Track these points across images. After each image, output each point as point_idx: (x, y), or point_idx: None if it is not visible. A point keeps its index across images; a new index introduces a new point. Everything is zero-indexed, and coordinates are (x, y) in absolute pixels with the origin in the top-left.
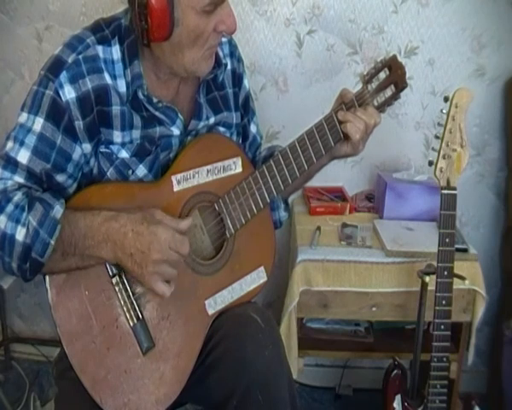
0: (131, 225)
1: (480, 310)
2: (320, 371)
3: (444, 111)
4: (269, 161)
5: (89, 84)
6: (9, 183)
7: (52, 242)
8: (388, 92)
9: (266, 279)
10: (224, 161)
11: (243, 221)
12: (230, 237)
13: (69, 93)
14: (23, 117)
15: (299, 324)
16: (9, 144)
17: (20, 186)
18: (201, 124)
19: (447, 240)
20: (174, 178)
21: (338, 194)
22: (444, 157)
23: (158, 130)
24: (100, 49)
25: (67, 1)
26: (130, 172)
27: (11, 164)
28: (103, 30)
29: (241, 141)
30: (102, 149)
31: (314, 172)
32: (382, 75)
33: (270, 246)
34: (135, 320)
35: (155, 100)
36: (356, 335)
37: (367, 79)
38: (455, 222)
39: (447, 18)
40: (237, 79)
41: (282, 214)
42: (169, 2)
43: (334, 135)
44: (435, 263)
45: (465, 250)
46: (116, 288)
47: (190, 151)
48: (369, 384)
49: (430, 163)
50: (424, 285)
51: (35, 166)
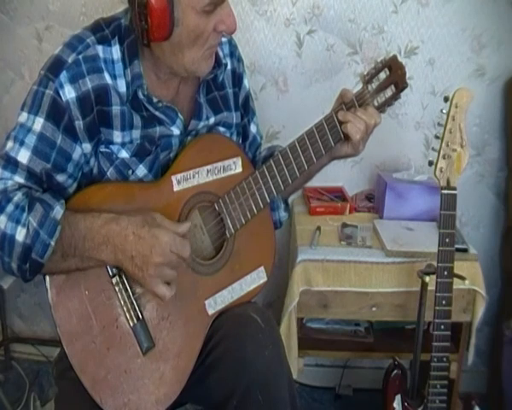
0: (132, 228)
1: (480, 310)
2: (320, 371)
3: (444, 111)
4: (269, 161)
5: (89, 83)
6: (9, 183)
7: (52, 243)
8: (388, 92)
9: (266, 279)
10: (224, 161)
11: (243, 221)
12: (230, 237)
13: (69, 93)
14: (23, 117)
15: (299, 324)
16: (9, 144)
17: (21, 186)
18: (201, 124)
19: (447, 240)
20: (174, 178)
21: (338, 194)
22: (444, 157)
23: (158, 130)
24: (100, 48)
25: (67, 1)
26: (130, 172)
27: (11, 164)
28: (103, 30)
29: (241, 141)
30: (102, 149)
31: (314, 172)
32: (382, 75)
33: (270, 246)
34: (135, 320)
35: (155, 100)
36: (356, 335)
37: (367, 79)
38: (455, 222)
39: (447, 18)
40: (237, 79)
41: (282, 214)
42: (169, 2)
43: (334, 135)
44: (435, 263)
45: (465, 250)
46: (116, 288)
47: (190, 151)
48: (369, 384)
49: (430, 163)
50: (424, 285)
51: (35, 165)
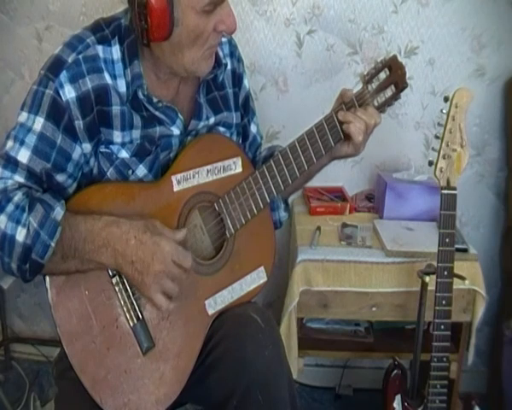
0: (134, 233)
1: (480, 310)
2: (320, 371)
3: (444, 111)
4: (269, 161)
5: (89, 83)
6: (9, 182)
7: (53, 244)
8: (388, 92)
9: (266, 279)
10: (224, 161)
11: (243, 221)
12: (230, 237)
13: (69, 93)
14: (23, 116)
15: (299, 324)
16: (9, 143)
17: (21, 186)
18: (201, 124)
19: (447, 240)
20: (174, 178)
21: (338, 194)
22: (444, 157)
23: (158, 130)
24: (100, 48)
25: (67, 1)
26: (130, 172)
27: (11, 163)
28: (103, 30)
29: (241, 141)
30: (102, 149)
31: (314, 172)
32: (382, 75)
33: (270, 246)
34: (135, 320)
35: (155, 100)
36: (356, 335)
37: (367, 79)
38: (455, 222)
39: (447, 18)
40: (237, 79)
41: (282, 215)
42: (169, 2)
43: (334, 135)
44: (435, 263)
45: (465, 250)
46: (116, 288)
47: (190, 151)
48: (369, 384)
49: (430, 163)
50: (424, 285)
51: (35, 165)
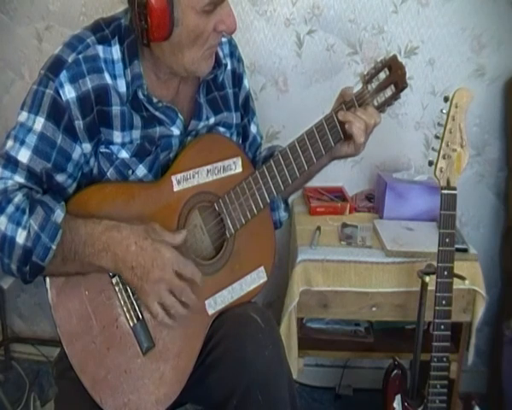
0: (134, 239)
1: (480, 310)
2: (320, 371)
3: (444, 111)
4: (269, 162)
5: (89, 83)
6: (10, 182)
7: (53, 246)
8: (388, 92)
9: (266, 279)
10: (224, 161)
11: (243, 221)
12: (230, 237)
13: (69, 93)
14: (23, 116)
15: (299, 324)
16: (10, 143)
17: (21, 187)
18: (201, 124)
19: (447, 240)
20: (174, 178)
21: (338, 194)
22: (444, 157)
23: (158, 130)
24: (100, 48)
25: (67, 1)
26: (130, 172)
27: (11, 163)
28: (103, 30)
29: (241, 141)
30: (102, 149)
31: (314, 172)
32: (382, 75)
33: (270, 246)
34: (135, 320)
35: (155, 100)
36: (356, 335)
37: (367, 79)
38: (455, 222)
39: (447, 18)
40: (237, 80)
41: (282, 215)
42: (169, 1)
43: (334, 135)
44: (435, 263)
45: (465, 250)
46: (116, 288)
47: (190, 151)
48: (369, 384)
49: (430, 163)
50: (424, 285)
51: (35, 165)
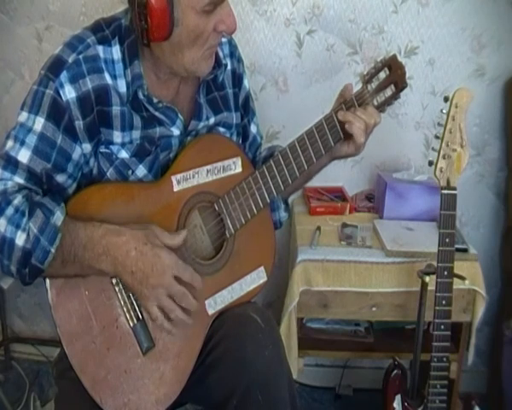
0: (135, 243)
1: (480, 310)
2: (320, 371)
3: (444, 111)
4: (269, 162)
5: (89, 84)
6: (9, 184)
7: (53, 249)
8: (388, 92)
9: (266, 279)
10: (224, 161)
11: (243, 221)
12: (230, 237)
13: (69, 93)
14: (23, 116)
15: (299, 324)
16: (10, 143)
17: (21, 188)
18: (201, 124)
19: (447, 240)
20: (174, 178)
21: (338, 194)
22: (444, 157)
23: (158, 130)
24: (100, 49)
25: (67, 1)
26: (129, 172)
27: (11, 164)
28: (103, 30)
29: (241, 141)
30: (102, 150)
31: (314, 172)
32: (382, 75)
33: (270, 246)
34: (135, 320)
35: (155, 100)
36: (356, 335)
37: (367, 79)
38: (455, 222)
39: (447, 18)
40: (237, 80)
41: (283, 215)
42: (169, 1)
43: (333, 135)
44: (435, 263)
45: (465, 250)
46: (116, 288)
47: (190, 151)
48: (369, 384)
49: (430, 163)
50: (424, 285)
51: (35, 165)
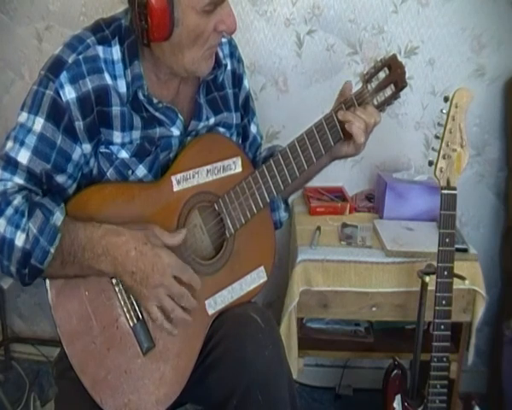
0: (134, 243)
1: (480, 310)
2: (320, 371)
3: (444, 111)
4: (268, 161)
5: (89, 84)
6: (9, 184)
7: (52, 250)
8: (388, 91)
9: (266, 279)
10: (224, 161)
11: (243, 221)
12: (230, 237)
13: (69, 93)
14: (23, 117)
15: (299, 324)
16: (9, 144)
17: (20, 188)
18: (201, 124)
19: (447, 240)
20: (174, 178)
21: (338, 194)
22: (444, 157)
23: (158, 130)
24: (100, 49)
25: (67, 1)
26: (129, 172)
27: (11, 165)
28: (103, 30)
29: (241, 141)
30: (102, 150)
31: (315, 172)
32: (382, 74)
33: (270, 246)
34: (135, 321)
35: (155, 100)
36: (356, 335)
37: (367, 79)
38: (455, 222)
39: (447, 18)
40: (237, 80)
41: (283, 215)
42: (169, 2)
43: (333, 135)
44: (435, 263)
45: (465, 250)
46: (116, 288)
47: (190, 151)
48: (369, 384)
49: (430, 163)
50: (424, 285)
51: (35, 166)
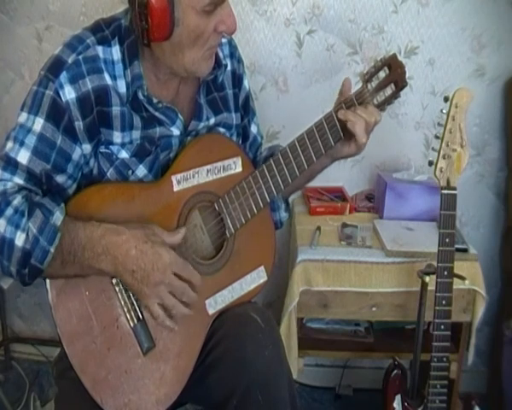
0: (134, 242)
1: (480, 310)
2: (320, 371)
3: (444, 111)
4: (269, 161)
5: (89, 84)
6: (9, 184)
7: (52, 249)
8: (388, 91)
9: (266, 279)
10: (224, 161)
11: (243, 221)
12: (230, 237)
13: (69, 93)
14: (23, 117)
15: (299, 324)
16: (9, 144)
17: (20, 189)
18: (202, 124)
19: (447, 240)
20: (174, 178)
21: (338, 194)
22: (444, 157)
23: (158, 130)
24: (100, 49)
25: (67, 1)
26: (130, 172)
27: (11, 165)
28: (103, 30)
29: (242, 142)
30: (102, 150)
31: (316, 172)
32: (382, 74)
33: (270, 245)
34: (135, 321)
35: (155, 100)
36: (356, 335)
37: (367, 78)
38: (455, 222)
39: (447, 18)
40: (237, 80)
41: (283, 215)
42: (169, 1)
43: (334, 134)
44: (435, 263)
45: (465, 250)
46: (116, 288)
47: (190, 151)
48: (369, 384)
49: (430, 163)
50: (424, 285)
51: (35, 166)
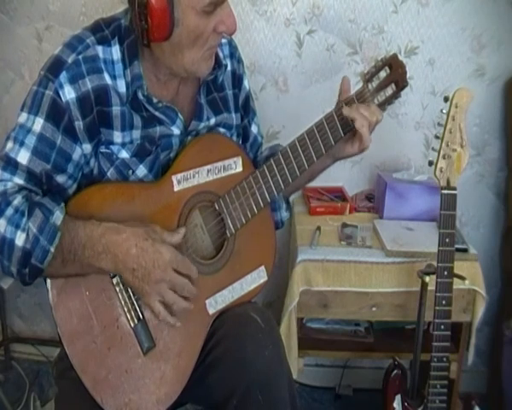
0: (135, 240)
1: (480, 310)
2: (320, 371)
3: (444, 111)
4: (269, 161)
5: (89, 84)
6: (9, 185)
7: (52, 249)
8: (389, 91)
9: (267, 279)
10: (225, 161)
11: (244, 221)
12: (231, 237)
13: (69, 93)
14: (23, 117)
15: (299, 324)
16: (9, 145)
17: (20, 189)
18: (202, 125)
19: (447, 240)
20: (174, 177)
21: (338, 194)
22: (444, 157)
23: (158, 130)
24: (100, 49)
25: (67, 1)
26: (130, 172)
27: (11, 165)
28: (103, 30)
29: (242, 142)
30: (102, 150)
31: (317, 172)
32: (383, 74)
33: (270, 245)
34: (135, 320)
35: (155, 100)
36: (356, 335)
37: (367, 78)
38: (455, 222)
39: (447, 18)
40: (237, 81)
41: (284, 215)
42: (169, 2)
43: (334, 134)
44: (435, 263)
45: (465, 250)
46: (117, 288)
47: (191, 151)
48: (369, 384)
49: (430, 163)
50: (424, 285)
51: (35, 166)
